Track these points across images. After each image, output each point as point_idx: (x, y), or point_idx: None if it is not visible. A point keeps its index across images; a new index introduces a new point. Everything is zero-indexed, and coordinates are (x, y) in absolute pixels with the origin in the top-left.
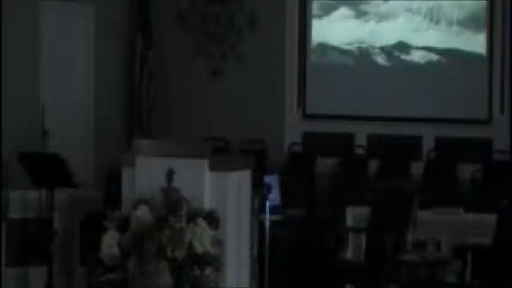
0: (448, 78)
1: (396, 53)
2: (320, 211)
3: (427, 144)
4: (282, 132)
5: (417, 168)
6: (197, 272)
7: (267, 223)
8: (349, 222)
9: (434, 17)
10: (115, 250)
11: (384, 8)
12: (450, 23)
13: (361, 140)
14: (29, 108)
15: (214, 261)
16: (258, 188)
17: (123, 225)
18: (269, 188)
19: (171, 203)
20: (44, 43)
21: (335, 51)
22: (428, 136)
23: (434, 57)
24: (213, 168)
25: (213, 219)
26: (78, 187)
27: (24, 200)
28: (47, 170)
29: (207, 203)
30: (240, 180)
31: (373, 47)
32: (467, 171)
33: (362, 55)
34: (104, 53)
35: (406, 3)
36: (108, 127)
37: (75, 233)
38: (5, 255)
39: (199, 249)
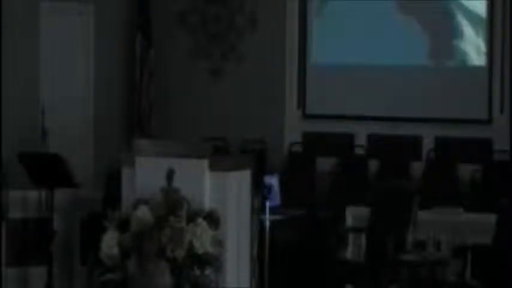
0: (448, 78)
1: (396, 53)
2: (320, 211)
3: (427, 144)
4: (282, 132)
5: (417, 168)
6: (197, 272)
7: (267, 223)
8: (349, 222)
9: (434, 17)
10: (115, 250)
11: (384, 8)
12: (450, 23)
13: (361, 140)
14: (29, 108)
15: (214, 261)
16: (258, 188)
17: (123, 225)
18: (269, 188)
19: (171, 203)
20: (44, 43)
21: (335, 51)
22: (428, 136)
23: (434, 57)
24: (213, 168)
25: (213, 219)
26: (78, 187)
27: (24, 200)
28: (47, 170)
29: (207, 203)
30: (240, 180)
31: (373, 47)
32: (467, 171)
33: (362, 55)
34: (104, 53)
35: (405, 3)
36: (108, 127)
37: (75, 233)
38: (5, 255)
39: (199, 249)
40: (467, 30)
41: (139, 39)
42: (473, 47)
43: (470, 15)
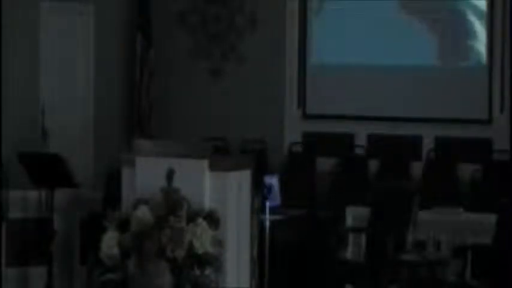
0: (448, 78)
1: (396, 53)
2: (320, 211)
3: (427, 144)
4: (282, 132)
5: (417, 168)
6: (197, 272)
7: (267, 223)
8: (349, 222)
9: (435, 16)
10: (115, 250)
11: (384, 7)
12: (452, 23)
13: (361, 140)
14: (29, 108)
15: (214, 261)
16: (258, 188)
17: (123, 225)
18: (269, 188)
19: (171, 203)
20: (44, 43)
21: (335, 51)
22: (428, 136)
23: (434, 57)
24: (213, 168)
25: (213, 219)
26: (78, 187)
27: (24, 200)
28: (47, 170)
29: (207, 203)
30: (240, 180)
31: (373, 47)
32: (467, 171)
33: (362, 55)
34: (104, 53)
35: (406, 3)
36: (108, 127)
37: (75, 233)
38: (5, 255)
39: (199, 249)
40: (470, 29)
41: (139, 39)
42: (475, 47)
43: (473, 15)
